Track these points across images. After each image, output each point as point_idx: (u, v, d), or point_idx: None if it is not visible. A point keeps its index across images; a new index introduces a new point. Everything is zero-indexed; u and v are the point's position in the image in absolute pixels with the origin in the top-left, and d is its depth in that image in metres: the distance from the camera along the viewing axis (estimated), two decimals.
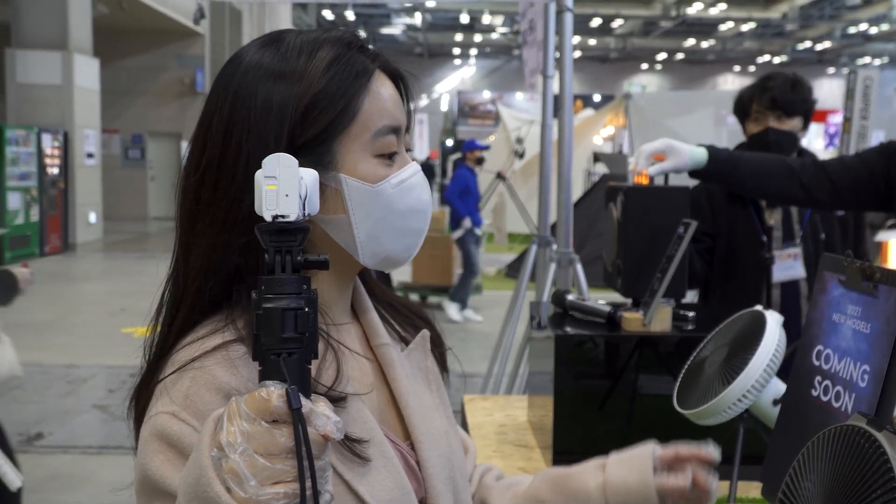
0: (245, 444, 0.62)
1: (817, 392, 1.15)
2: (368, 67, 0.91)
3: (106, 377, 6.28)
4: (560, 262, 2.95)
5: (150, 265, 12.80)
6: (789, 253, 2.68)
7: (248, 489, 0.62)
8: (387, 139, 0.90)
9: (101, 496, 4.06)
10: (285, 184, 0.67)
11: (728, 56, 35.69)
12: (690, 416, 1.54)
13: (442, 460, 0.96)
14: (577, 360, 1.96)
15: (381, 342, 0.98)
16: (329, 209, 0.89)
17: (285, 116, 0.86)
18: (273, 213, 0.67)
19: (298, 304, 0.65)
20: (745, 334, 1.52)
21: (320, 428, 0.64)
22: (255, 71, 0.88)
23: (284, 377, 0.64)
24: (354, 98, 0.88)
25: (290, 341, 0.65)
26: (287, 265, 0.66)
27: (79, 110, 14.04)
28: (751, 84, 2.75)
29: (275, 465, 0.62)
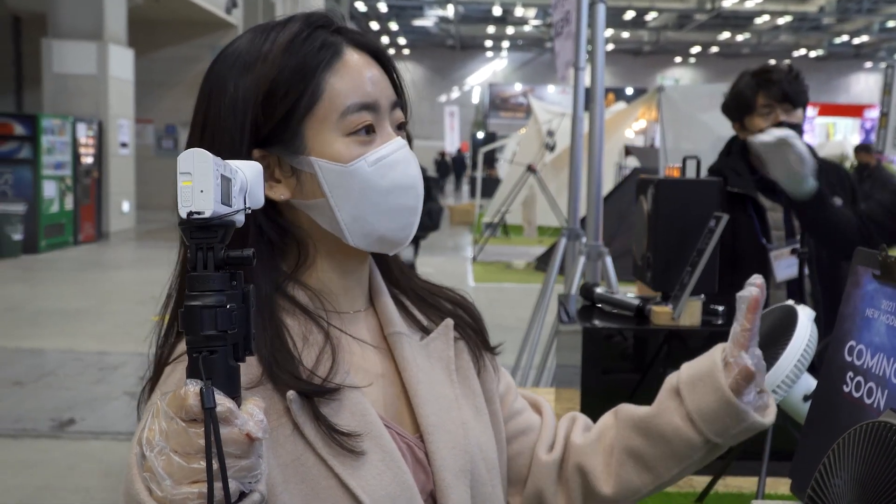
0: (163, 443, 0.63)
1: (849, 388, 1.13)
2: (333, 44, 0.89)
3: (137, 364, 6.35)
4: (589, 256, 2.93)
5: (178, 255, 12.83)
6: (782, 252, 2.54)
7: (164, 488, 0.62)
8: (358, 116, 0.88)
9: None
10: (200, 179, 0.66)
11: (763, 50, 35.21)
12: None
13: (455, 452, 0.93)
14: (604, 353, 1.95)
15: (394, 330, 0.96)
16: (308, 194, 0.89)
17: (248, 107, 0.87)
18: (188, 210, 0.65)
19: (219, 302, 0.65)
20: (775, 329, 1.50)
21: (241, 426, 0.63)
22: (226, 63, 0.90)
23: (202, 375, 0.63)
24: (315, 79, 0.87)
25: (212, 339, 0.64)
26: (209, 262, 0.66)
27: (113, 100, 14.21)
28: (744, 78, 2.58)
29: (190, 465, 0.62)
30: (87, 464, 4.33)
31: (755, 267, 2.54)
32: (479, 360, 1.02)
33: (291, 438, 0.84)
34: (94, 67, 13.77)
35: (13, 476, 4.14)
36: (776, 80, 2.46)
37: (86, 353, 6.52)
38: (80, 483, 4.08)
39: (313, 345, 0.88)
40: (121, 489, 0.69)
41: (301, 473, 0.83)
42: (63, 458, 4.41)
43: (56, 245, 12.50)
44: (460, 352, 1.01)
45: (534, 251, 12.57)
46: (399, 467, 0.87)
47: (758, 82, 2.51)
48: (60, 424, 4.92)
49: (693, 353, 1.95)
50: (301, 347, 0.87)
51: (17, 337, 6.97)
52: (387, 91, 0.92)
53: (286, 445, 0.84)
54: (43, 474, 4.17)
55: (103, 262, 12.09)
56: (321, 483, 0.83)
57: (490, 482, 0.97)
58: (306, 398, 0.84)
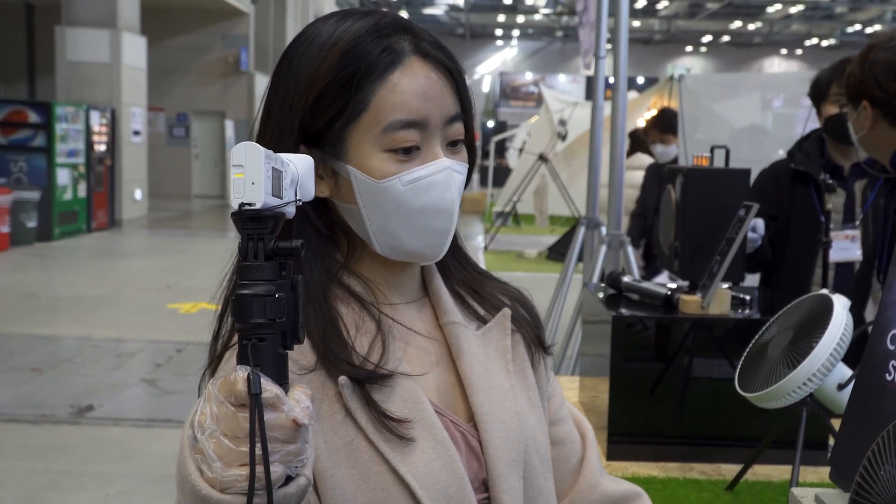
0: (214, 426, 0.65)
1: (892, 377, 1.14)
2: (395, 51, 0.88)
3: (153, 352, 6.39)
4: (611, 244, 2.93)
5: (193, 243, 13.01)
6: (847, 234, 2.64)
7: (214, 470, 0.64)
8: (400, 134, 0.87)
9: (152, 468, 4.15)
10: (251, 172, 0.67)
11: (775, 39, 34.98)
12: (753, 399, 1.53)
13: (509, 441, 0.92)
14: (634, 341, 1.96)
15: (450, 320, 0.96)
16: (344, 198, 0.90)
17: (297, 107, 0.87)
18: (240, 202, 0.67)
19: (269, 291, 0.66)
20: (811, 318, 1.50)
21: (288, 412, 0.65)
22: (291, 57, 0.90)
23: (250, 362, 0.65)
24: (364, 89, 0.86)
25: (261, 327, 0.66)
26: (259, 252, 0.67)
27: (126, 88, 14.25)
28: (829, 67, 2.73)
29: (239, 448, 0.64)
30: (107, 450, 4.37)
31: (807, 242, 2.62)
32: (535, 355, 1.02)
33: (343, 423, 0.85)
34: (107, 55, 13.80)
35: (34, 461, 4.18)
36: None
37: (102, 340, 6.57)
38: (101, 469, 4.11)
39: (366, 332, 0.89)
40: (175, 467, 0.71)
41: (352, 458, 0.84)
42: (83, 444, 4.45)
43: (69, 233, 12.56)
44: (516, 343, 1.00)
45: (545, 240, 12.56)
46: (450, 455, 0.87)
47: (834, 72, 2.66)
48: (79, 411, 4.96)
49: (721, 342, 1.97)
50: (354, 335, 0.88)
51: (33, 324, 7.02)
52: (443, 106, 0.89)
53: (338, 430, 0.85)
54: (63, 460, 4.21)
55: (117, 250, 12.14)
56: (372, 468, 0.84)
57: (543, 474, 0.96)
58: (358, 384, 0.85)
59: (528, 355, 1.01)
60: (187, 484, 0.66)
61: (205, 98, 19.74)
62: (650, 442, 1.93)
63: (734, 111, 6.92)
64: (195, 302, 7.98)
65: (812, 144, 2.74)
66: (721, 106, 6.98)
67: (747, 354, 1.62)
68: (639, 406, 1.95)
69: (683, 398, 1.98)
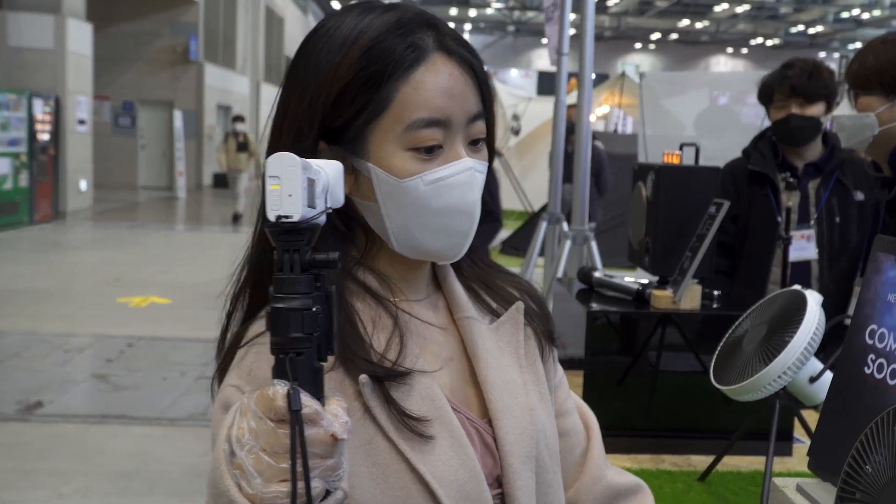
0: (252, 442, 0.64)
1: (870, 370, 1.18)
2: (419, 48, 0.86)
3: (103, 347, 6.27)
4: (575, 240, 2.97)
5: (142, 235, 12.76)
6: (803, 234, 2.72)
7: (254, 486, 0.64)
8: (423, 133, 0.85)
9: (109, 465, 4.08)
10: (288, 183, 0.66)
11: (722, 38, 35.66)
12: (729, 392, 1.57)
13: (523, 437, 0.92)
14: (606, 336, 1.99)
15: (464, 315, 0.96)
16: (363, 195, 0.89)
17: (319, 102, 0.86)
18: (276, 214, 0.66)
19: (306, 305, 0.65)
20: (784, 313, 1.54)
21: (327, 427, 0.64)
22: (308, 54, 0.89)
23: (289, 377, 0.65)
24: (387, 87, 0.85)
25: (298, 341, 0.65)
26: (296, 264, 0.66)
27: (71, 76, 13.90)
28: (772, 71, 2.77)
29: (279, 464, 0.63)
30: (61, 447, 4.27)
31: (765, 241, 2.70)
32: (544, 348, 1.02)
33: (362, 422, 0.84)
34: (51, 41, 13.44)
35: None
36: (788, 75, 2.64)
37: (50, 335, 6.42)
38: (56, 466, 4.02)
39: (383, 329, 0.89)
40: (208, 481, 0.70)
41: (372, 457, 0.84)
42: (34, 441, 4.35)
43: (10, 224, 12.21)
44: (528, 337, 1.00)
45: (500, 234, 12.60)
46: (466, 453, 0.87)
47: (776, 76, 2.72)
48: (28, 407, 4.84)
49: (692, 336, 2.01)
50: (371, 331, 0.88)
51: None
52: (466, 105, 0.88)
53: (357, 429, 0.84)
54: (15, 457, 4.11)
55: (62, 242, 11.86)
56: (391, 466, 0.84)
57: (552, 469, 0.97)
58: (377, 382, 0.85)
59: (539, 349, 1.01)
60: (224, 499, 0.66)
61: (152, 87, 19.36)
62: (622, 434, 1.96)
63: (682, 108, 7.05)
64: (146, 296, 7.84)
65: (766, 144, 2.79)
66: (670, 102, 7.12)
67: (721, 349, 1.66)
68: (611, 399, 1.98)
69: (654, 391, 2.02)
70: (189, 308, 7.41)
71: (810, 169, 2.77)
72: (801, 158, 2.76)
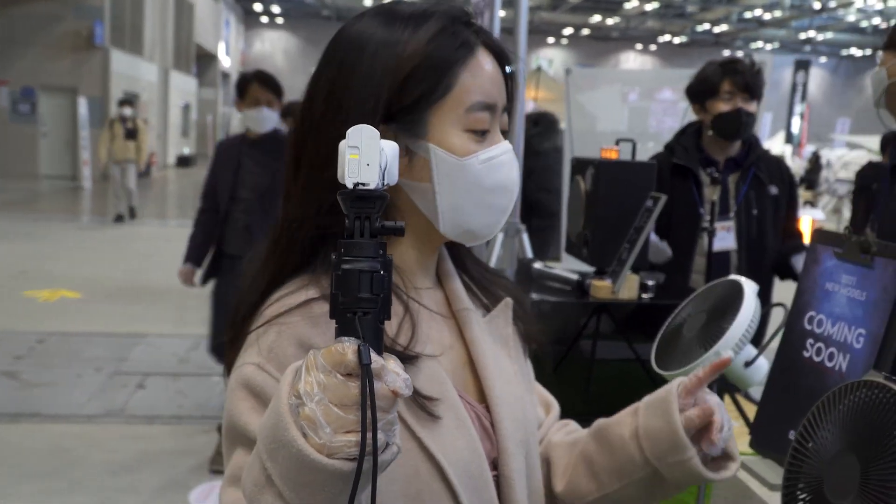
0: (321, 395, 0.66)
1: (809, 353, 1.27)
2: (471, 43, 0.93)
3: (11, 343, 6.02)
4: (507, 232, 3.03)
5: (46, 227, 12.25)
6: (724, 225, 2.85)
7: (322, 435, 0.66)
8: (480, 115, 0.92)
9: (26, 465, 3.94)
10: (367, 154, 0.71)
11: (631, 34, 36.53)
12: (670, 377, 1.64)
13: (515, 423, 0.98)
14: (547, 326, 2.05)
15: (463, 307, 1.01)
16: (415, 176, 0.93)
17: (385, 83, 0.89)
18: (354, 181, 0.70)
19: (374, 267, 0.69)
20: (722, 301, 1.63)
21: (390, 383, 0.68)
22: (361, 40, 0.91)
23: (358, 334, 0.68)
24: (452, 72, 0.91)
25: (365, 301, 0.69)
26: (366, 230, 0.70)
27: None
28: (716, 64, 2.86)
29: (347, 415, 0.66)
30: None
31: (687, 233, 2.81)
32: (530, 345, 1.09)
33: None
34: None
35: None
36: (741, 70, 2.74)
37: None
38: None
39: (394, 314, 0.92)
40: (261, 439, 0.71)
41: None
42: None
43: None
44: (515, 332, 1.07)
45: None
46: (471, 434, 0.92)
47: (725, 70, 2.80)
48: None
49: (631, 325, 2.09)
50: None
51: None
52: (502, 96, 0.95)
53: None
54: None
55: None
56: (403, 444, 0.86)
57: (535, 455, 1.04)
58: None
59: (523, 344, 1.08)
60: (291, 449, 0.67)
61: (54, 73, 18.57)
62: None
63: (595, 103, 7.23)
64: (55, 289, 7.56)
65: (689, 139, 2.91)
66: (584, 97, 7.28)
67: (662, 336, 1.73)
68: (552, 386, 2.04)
69: (590, 379, 2.10)
70: (101, 302, 7.18)
71: (730, 164, 2.91)
72: (723, 154, 2.89)
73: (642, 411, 1.08)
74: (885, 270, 1.14)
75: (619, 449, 1.08)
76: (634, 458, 1.05)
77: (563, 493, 1.12)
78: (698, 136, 2.93)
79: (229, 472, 0.83)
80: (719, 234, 2.85)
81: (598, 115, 6.93)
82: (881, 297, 1.13)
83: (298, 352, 0.86)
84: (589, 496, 1.10)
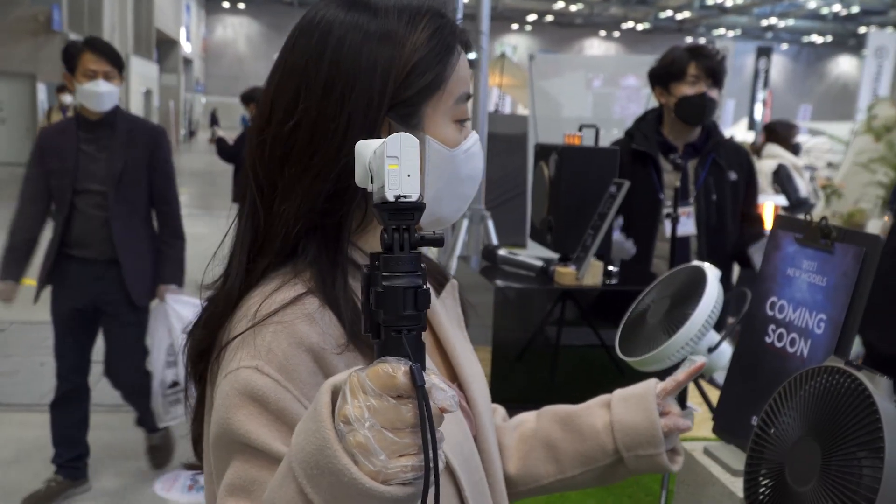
0: (373, 419, 0.63)
1: (771, 339, 1.27)
2: (457, 35, 0.95)
3: None
4: (472, 219, 3.02)
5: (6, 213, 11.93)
6: (683, 211, 2.87)
7: (376, 462, 0.63)
8: (464, 106, 0.94)
9: None
10: (407, 164, 0.68)
11: (595, 21, 36.64)
12: (634, 363, 1.64)
13: (485, 401, 1.02)
14: (512, 312, 2.04)
15: None
16: None
17: (390, 76, 0.88)
18: (396, 194, 0.67)
19: (416, 283, 0.66)
20: (685, 287, 1.63)
21: (439, 402, 0.66)
22: (355, 31, 0.89)
23: (407, 354, 0.65)
24: (446, 66, 0.92)
25: (410, 318, 0.66)
26: (405, 243, 0.67)
27: None
28: (682, 49, 2.87)
29: (401, 440, 0.64)
30: None
31: (648, 219, 2.82)
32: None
33: None
34: None
35: None
36: (708, 55, 2.75)
37: None
38: None
39: None
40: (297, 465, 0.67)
41: None
42: None
43: None
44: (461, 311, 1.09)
45: None
46: (459, 416, 0.94)
47: (692, 54, 2.80)
48: None
49: (596, 311, 2.09)
50: None
51: None
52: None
53: None
54: None
55: None
56: None
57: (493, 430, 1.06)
58: None
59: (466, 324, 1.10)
60: (342, 477, 0.64)
61: (11, 58, 18.15)
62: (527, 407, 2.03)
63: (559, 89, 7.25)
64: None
65: (649, 126, 2.91)
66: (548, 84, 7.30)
67: (626, 322, 1.73)
68: (517, 373, 2.04)
69: (556, 365, 2.10)
70: None
71: (689, 149, 2.92)
72: (683, 139, 2.90)
73: (618, 405, 1.14)
74: (844, 256, 1.14)
75: (590, 438, 1.13)
76: (605, 447, 1.12)
77: (517, 476, 1.15)
78: (658, 122, 2.93)
79: (229, 483, 0.79)
80: (681, 219, 2.88)
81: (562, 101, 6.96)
82: (841, 282, 1.14)
83: (298, 352, 0.82)
84: (546, 479, 1.14)
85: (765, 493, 1.03)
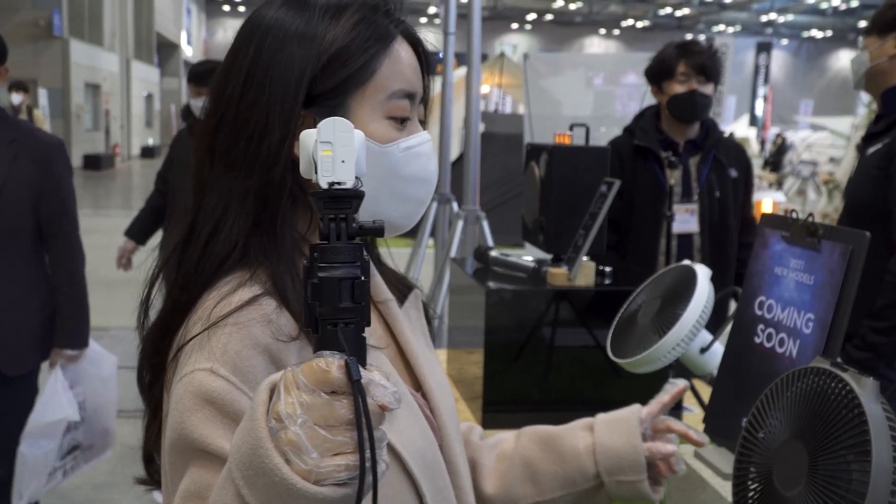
0: (305, 416, 0.61)
1: (760, 339, 1.25)
2: (391, 31, 0.92)
3: None
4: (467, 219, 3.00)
5: None
6: (687, 208, 2.85)
7: (308, 461, 0.61)
8: (400, 103, 0.91)
9: None
10: (341, 150, 0.65)
11: (594, 19, 36.61)
12: (625, 365, 1.62)
13: (451, 410, 1.00)
14: (504, 313, 2.02)
15: (385, 298, 1.00)
16: None
17: (307, 66, 0.87)
18: (329, 181, 0.65)
19: (354, 274, 0.64)
20: (676, 287, 1.61)
21: (378, 398, 0.63)
22: (278, 30, 0.88)
23: (343, 347, 0.63)
24: (373, 58, 0.89)
25: (348, 311, 0.63)
26: (342, 233, 0.64)
27: None
28: (673, 46, 2.87)
29: (335, 437, 0.61)
30: None
31: (652, 215, 2.80)
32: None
33: None
34: None
35: None
36: (697, 51, 2.74)
37: None
38: None
39: None
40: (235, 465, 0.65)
41: None
42: None
43: None
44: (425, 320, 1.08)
45: None
46: (423, 423, 0.93)
47: (680, 52, 2.80)
48: None
49: (590, 311, 2.07)
50: None
51: None
52: (419, 85, 0.95)
53: None
54: None
55: None
56: None
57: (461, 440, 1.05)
58: None
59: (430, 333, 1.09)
60: (273, 477, 0.61)
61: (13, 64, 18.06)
62: (520, 410, 2.01)
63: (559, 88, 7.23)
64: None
65: (648, 121, 2.91)
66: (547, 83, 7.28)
67: (617, 323, 1.71)
68: (510, 375, 2.02)
69: (550, 366, 2.08)
70: None
71: (690, 146, 2.90)
72: (682, 136, 2.88)
73: (601, 428, 1.13)
74: (831, 254, 1.12)
75: (570, 460, 1.12)
76: (586, 471, 1.11)
77: (494, 496, 1.14)
78: (657, 118, 2.92)
79: (185, 489, 0.77)
80: (681, 217, 2.86)
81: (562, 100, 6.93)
82: (828, 280, 1.12)
83: (254, 353, 0.80)
84: (525, 500, 1.13)
85: (753, 498, 1.01)
